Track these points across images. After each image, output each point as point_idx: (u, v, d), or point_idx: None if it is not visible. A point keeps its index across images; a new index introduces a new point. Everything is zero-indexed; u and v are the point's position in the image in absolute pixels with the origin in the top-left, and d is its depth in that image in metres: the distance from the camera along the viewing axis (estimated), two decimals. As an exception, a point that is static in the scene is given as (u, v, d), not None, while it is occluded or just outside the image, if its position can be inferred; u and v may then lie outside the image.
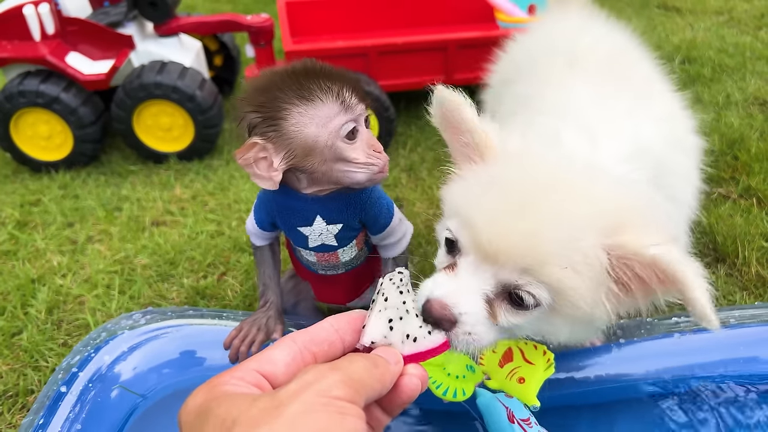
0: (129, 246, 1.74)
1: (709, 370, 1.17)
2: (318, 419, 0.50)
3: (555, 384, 1.07)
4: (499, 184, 0.79)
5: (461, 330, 0.73)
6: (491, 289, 0.75)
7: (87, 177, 2.12)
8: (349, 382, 0.54)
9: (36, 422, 1.04)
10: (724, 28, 3.05)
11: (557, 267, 0.71)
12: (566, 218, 0.73)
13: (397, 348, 0.65)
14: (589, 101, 1.06)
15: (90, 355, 1.15)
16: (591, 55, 1.19)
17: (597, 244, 0.73)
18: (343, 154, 0.95)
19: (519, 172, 0.80)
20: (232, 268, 1.65)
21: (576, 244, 0.72)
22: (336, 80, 0.94)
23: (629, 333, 1.22)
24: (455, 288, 0.75)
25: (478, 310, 0.74)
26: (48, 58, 1.97)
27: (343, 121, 0.93)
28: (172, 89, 2.02)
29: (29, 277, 1.62)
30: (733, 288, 1.50)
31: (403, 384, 0.61)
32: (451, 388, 0.95)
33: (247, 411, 0.50)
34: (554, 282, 0.72)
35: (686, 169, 1.11)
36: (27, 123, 2.05)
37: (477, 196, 0.79)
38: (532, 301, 0.74)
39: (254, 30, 2.21)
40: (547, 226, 0.72)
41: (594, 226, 0.73)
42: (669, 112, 1.16)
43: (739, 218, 1.68)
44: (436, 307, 0.72)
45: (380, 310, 0.66)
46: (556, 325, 0.79)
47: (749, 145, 1.95)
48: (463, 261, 0.77)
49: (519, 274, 0.73)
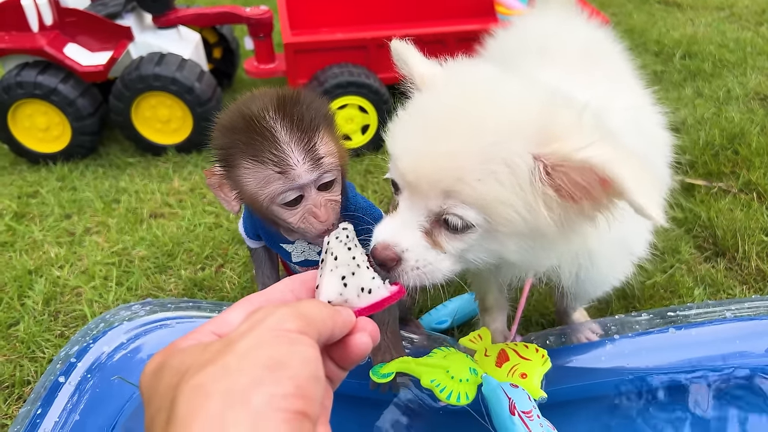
0: (127, 238, 1.73)
1: (706, 363, 1.17)
2: (269, 350, 0.50)
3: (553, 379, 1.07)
4: (420, 111, 0.78)
5: (408, 266, 0.74)
6: (425, 219, 0.75)
7: (85, 169, 2.11)
8: (299, 315, 0.54)
9: (33, 412, 1.04)
10: (725, 24, 3.05)
11: (473, 181, 0.70)
12: (483, 131, 0.71)
13: (354, 303, 0.66)
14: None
15: (88, 346, 1.14)
16: (563, 49, 1.17)
17: (521, 152, 0.70)
18: (279, 216, 0.93)
19: (440, 94, 0.79)
20: (230, 260, 1.64)
21: (493, 155, 0.70)
22: (296, 138, 0.87)
23: (624, 328, 1.22)
24: (394, 227, 0.76)
25: (418, 242, 0.75)
26: (46, 49, 1.96)
27: (281, 191, 0.88)
28: (171, 81, 2.01)
29: (26, 268, 1.62)
30: (733, 282, 1.49)
31: (355, 340, 0.62)
32: (454, 392, 0.94)
33: (199, 356, 0.50)
34: (477, 198, 0.71)
35: (649, 162, 1.03)
36: (25, 114, 2.04)
37: (399, 129, 0.79)
38: (461, 222, 0.73)
39: (253, 22, 2.20)
40: (461, 142, 0.71)
41: (518, 135, 0.70)
42: (637, 105, 1.12)
43: (739, 212, 1.68)
44: (378, 249, 0.73)
45: (331, 269, 0.66)
46: (503, 243, 0.77)
47: (750, 140, 1.95)
48: (400, 199, 0.77)
49: (443, 199, 0.73)
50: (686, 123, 2.12)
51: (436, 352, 1.06)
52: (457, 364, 1.01)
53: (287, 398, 0.47)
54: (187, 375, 0.48)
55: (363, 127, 2.15)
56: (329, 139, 0.92)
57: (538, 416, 0.94)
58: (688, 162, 1.92)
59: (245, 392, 0.46)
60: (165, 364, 0.52)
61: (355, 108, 2.10)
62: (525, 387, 0.98)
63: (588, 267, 0.94)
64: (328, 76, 2.06)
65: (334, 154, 0.93)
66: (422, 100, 0.81)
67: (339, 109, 2.09)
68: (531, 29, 1.35)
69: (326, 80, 2.05)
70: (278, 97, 0.89)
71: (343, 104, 2.08)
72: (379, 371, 1.01)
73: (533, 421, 0.92)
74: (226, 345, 0.50)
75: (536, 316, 1.45)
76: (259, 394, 0.47)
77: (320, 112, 0.91)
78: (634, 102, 1.11)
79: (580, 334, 1.24)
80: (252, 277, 1.57)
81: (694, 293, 1.46)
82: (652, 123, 1.11)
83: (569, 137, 0.70)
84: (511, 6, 2.30)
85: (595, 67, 1.14)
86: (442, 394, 0.93)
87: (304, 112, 0.88)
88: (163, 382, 0.50)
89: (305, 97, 0.91)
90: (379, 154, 2.12)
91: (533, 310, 1.46)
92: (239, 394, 0.46)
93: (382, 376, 1.00)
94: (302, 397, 0.48)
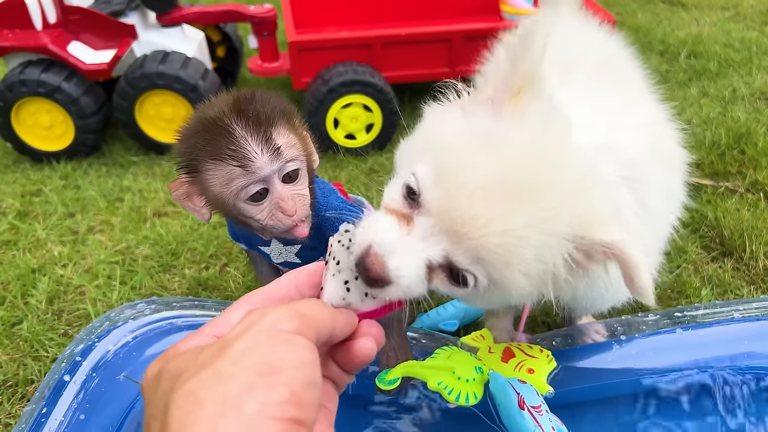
0: (130, 237, 1.72)
1: (714, 364, 1.16)
2: (263, 353, 0.49)
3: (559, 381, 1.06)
4: (505, 155, 0.67)
5: (394, 290, 0.66)
6: (438, 261, 0.68)
7: (88, 167, 2.10)
8: (295, 314, 0.53)
9: (38, 411, 1.03)
10: (730, 23, 3.03)
11: (518, 271, 0.66)
12: (550, 221, 0.66)
13: (358, 306, 0.64)
14: (574, 102, 0.99)
15: (93, 344, 1.14)
16: (582, 61, 1.15)
17: (561, 244, 0.68)
18: (247, 214, 0.94)
19: (529, 150, 0.68)
20: (234, 259, 1.63)
21: (545, 252, 0.67)
22: (253, 132, 0.88)
23: (631, 329, 1.21)
24: (401, 247, 0.66)
25: (417, 274, 0.67)
26: (49, 47, 1.96)
27: (244, 185, 0.89)
28: (175, 79, 2.01)
29: (30, 267, 1.61)
30: (741, 282, 1.48)
31: (359, 344, 0.61)
32: (462, 393, 0.94)
33: (193, 360, 0.50)
34: (503, 279, 0.67)
35: (665, 180, 1.00)
36: (28, 112, 2.04)
37: (470, 155, 0.68)
38: (473, 284, 0.69)
39: (257, 21, 2.19)
40: (529, 227, 0.65)
41: (567, 228, 0.68)
42: (652, 119, 1.09)
43: (746, 212, 1.67)
44: (376, 266, 0.64)
45: (333, 273, 0.65)
46: (489, 300, 0.75)
47: (756, 140, 1.94)
48: (421, 221, 0.68)
49: (472, 262, 0.66)
50: (692, 123, 2.10)
51: (439, 353, 1.05)
52: (463, 363, 1.00)
53: (281, 405, 0.46)
54: (180, 381, 0.48)
55: (367, 126, 2.14)
56: (288, 132, 0.93)
57: (547, 411, 0.93)
58: (694, 162, 1.90)
59: (238, 399, 0.45)
60: (163, 368, 0.51)
61: (360, 107, 2.09)
62: (532, 382, 0.98)
63: (585, 290, 0.89)
64: (332, 75, 2.05)
65: (295, 145, 0.94)
66: (511, 135, 0.69)
67: (344, 108, 2.09)
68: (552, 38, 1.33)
69: (331, 79, 2.04)
70: (234, 98, 0.92)
71: (348, 103, 2.08)
72: (385, 378, 0.99)
73: (542, 416, 0.91)
74: (220, 349, 0.49)
75: (542, 316, 1.44)
76: (252, 401, 0.45)
77: (276, 108, 0.93)
78: (650, 117, 1.08)
79: (585, 336, 1.23)
80: (256, 276, 1.56)
81: (702, 293, 1.45)
82: (669, 140, 1.08)
83: (604, 225, 0.69)
84: (517, 5, 2.29)
85: (613, 82, 1.12)
86: (450, 396, 0.93)
87: (258, 108, 0.90)
88: (160, 387, 0.50)
89: (260, 95, 0.93)
90: (384, 153, 2.11)
91: (539, 310, 1.45)
92: (232, 402, 0.45)
93: (388, 383, 0.98)
94: (297, 404, 0.47)
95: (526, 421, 0.89)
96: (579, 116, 0.81)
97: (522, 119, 0.70)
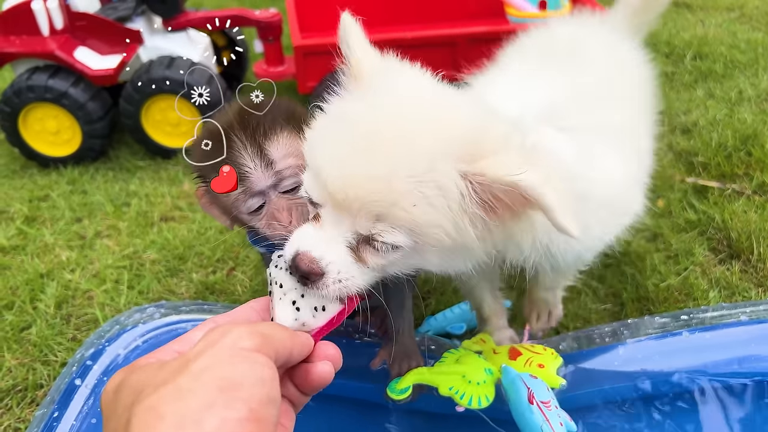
0: (137, 241, 1.73)
1: (721, 367, 1.15)
2: (224, 370, 0.49)
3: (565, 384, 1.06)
4: (347, 120, 0.75)
5: (330, 279, 0.72)
6: (352, 237, 0.74)
7: (95, 172, 2.11)
8: (256, 333, 0.54)
9: (49, 415, 1.04)
10: (735, 24, 3.02)
11: (408, 207, 0.69)
12: (416, 152, 0.70)
13: (311, 324, 0.67)
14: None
15: (103, 348, 1.14)
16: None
17: (451, 173, 0.70)
18: (249, 223, 0.95)
19: (372, 103, 0.76)
20: (241, 263, 1.64)
21: (427, 178, 0.69)
22: (252, 146, 0.89)
23: (636, 331, 1.20)
24: (319, 240, 0.74)
25: (343, 258, 0.73)
26: (56, 53, 1.97)
27: (243, 199, 0.91)
28: (181, 84, 2.01)
29: (38, 272, 1.62)
30: (749, 284, 1.48)
31: (317, 368, 0.62)
32: (474, 396, 0.94)
33: (155, 376, 0.50)
34: (409, 222, 0.70)
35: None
36: (35, 118, 2.05)
37: (323, 138, 0.76)
38: (394, 242, 0.72)
39: (263, 25, 2.20)
40: (394, 165, 0.69)
41: (448, 155, 0.70)
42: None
43: (753, 214, 1.66)
44: (304, 261, 0.71)
45: (280, 297, 0.67)
46: (426, 258, 0.77)
47: (763, 141, 1.93)
48: (323, 212, 0.75)
49: (373, 222, 0.71)
50: (698, 124, 2.10)
51: (447, 356, 1.05)
52: (472, 366, 1.00)
53: (240, 422, 0.47)
54: (142, 395, 0.48)
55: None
56: (293, 140, 0.92)
57: (556, 407, 0.94)
58: (700, 164, 1.90)
59: (198, 414, 0.46)
60: (124, 382, 0.52)
61: (365, 110, 2.10)
62: (543, 377, 0.98)
63: (557, 241, 0.90)
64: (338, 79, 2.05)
65: (298, 154, 0.92)
66: (350, 104, 0.78)
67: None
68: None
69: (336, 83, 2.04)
70: (240, 107, 0.91)
71: (353, 107, 2.08)
72: (396, 387, 0.99)
73: (551, 411, 0.91)
74: (182, 365, 0.50)
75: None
76: (212, 417, 0.46)
77: (281, 116, 0.92)
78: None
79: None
80: (263, 280, 1.56)
81: (709, 296, 1.44)
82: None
83: (496, 154, 0.71)
84: (521, 8, 2.29)
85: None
86: (462, 400, 0.93)
87: (261, 118, 0.89)
88: (119, 401, 0.50)
89: (266, 103, 0.91)
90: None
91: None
92: (192, 416, 0.46)
93: (399, 393, 0.98)
94: (256, 420, 0.48)
95: (534, 416, 0.89)
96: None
97: (364, 93, 0.78)
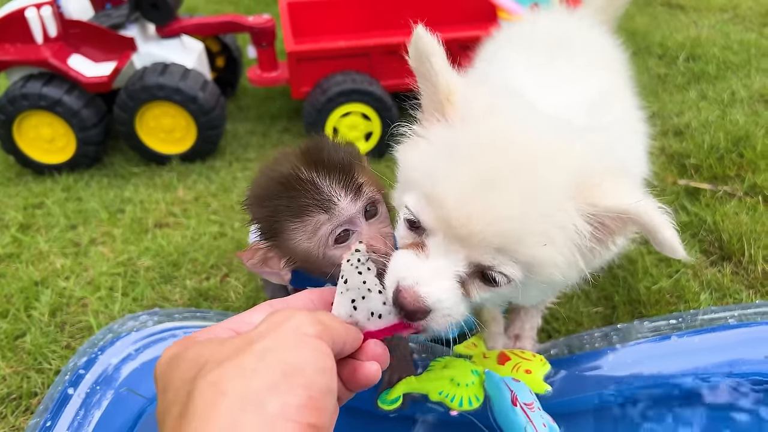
0: (132, 248, 1.74)
1: (710, 370, 1.15)
2: (288, 354, 0.50)
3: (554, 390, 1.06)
4: (467, 153, 0.72)
5: (438, 316, 0.70)
6: (464, 270, 0.71)
7: (90, 179, 2.11)
8: (318, 322, 0.55)
9: (42, 424, 1.04)
10: (728, 26, 3.03)
11: (536, 245, 0.68)
12: (542, 190, 0.69)
13: (363, 325, 0.67)
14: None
15: (96, 356, 1.15)
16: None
17: (574, 211, 0.69)
18: (337, 261, 0.89)
19: (488, 138, 0.73)
20: (235, 270, 1.64)
21: (554, 217, 0.69)
22: (332, 177, 0.87)
23: (627, 336, 1.21)
24: (427, 274, 0.70)
25: (453, 292, 0.71)
26: (50, 61, 1.97)
27: (329, 231, 0.87)
28: (175, 91, 2.02)
29: (32, 279, 1.62)
30: (740, 286, 1.49)
31: (365, 367, 0.63)
32: (465, 398, 0.95)
33: (217, 351, 0.50)
34: (530, 258, 0.69)
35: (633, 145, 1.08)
36: (30, 125, 2.05)
37: (441, 168, 0.72)
38: (505, 280, 0.71)
39: (256, 31, 2.21)
40: (522, 202, 0.68)
41: (570, 190, 0.70)
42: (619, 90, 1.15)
43: (744, 216, 1.67)
44: (409, 300, 0.68)
45: (341, 292, 0.67)
46: (527, 293, 0.76)
47: (755, 143, 1.94)
48: (432, 241, 0.72)
49: (493, 255, 0.69)
50: (690, 126, 2.11)
51: (434, 364, 1.06)
52: (459, 369, 1.01)
53: (300, 409, 0.47)
54: (204, 370, 0.48)
55: (366, 135, 2.15)
56: (362, 172, 0.91)
57: (539, 408, 0.94)
58: (692, 165, 1.91)
59: (260, 396, 0.46)
60: (180, 355, 0.52)
61: (359, 115, 2.11)
62: (530, 382, 0.99)
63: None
64: (331, 84, 2.06)
65: (372, 184, 0.92)
66: (461, 135, 0.75)
67: (342, 116, 2.10)
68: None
69: (329, 88, 2.05)
70: (302, 150, 0.90)
71: (347, 112, 2.09)
72: (387, 398, 0.99)
73: (534, 412, 0.92)
74: (246, 343, 0.50)
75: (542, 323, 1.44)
76: (274, 400, 0.46)
77: (346, 150, 0.91)
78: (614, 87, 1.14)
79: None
80: (257, 286, 1.57)
81: (700, 298, 1.45)
82: (635, 115, 1.15)
83: (603, 182, 0.70)
84: (514, 11, 2.30)
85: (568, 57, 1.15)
86: (452, 403, 0.94)
87: (332, 153, 0.88)
88: (179, 373, 0.50)
89: (327, 141, 0.92)
90: (383, 161, 2.12)
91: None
92: (254, 397, 0.46)
93: (390, 403, 0.99)
94: (315, 409, 0.48)
95: (518, 418, 0.90)
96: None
97: (465, 119, 0.76)
